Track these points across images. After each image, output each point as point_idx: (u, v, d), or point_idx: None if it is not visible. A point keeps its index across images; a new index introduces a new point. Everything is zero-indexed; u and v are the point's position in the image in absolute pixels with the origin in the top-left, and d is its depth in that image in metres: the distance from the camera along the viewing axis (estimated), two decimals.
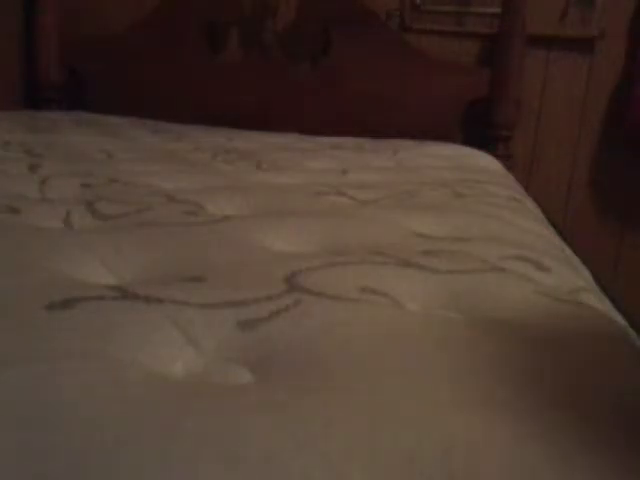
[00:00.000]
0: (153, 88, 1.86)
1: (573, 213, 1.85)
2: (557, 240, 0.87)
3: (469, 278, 0.55)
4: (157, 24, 1.88)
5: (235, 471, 0.27)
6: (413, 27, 1.83)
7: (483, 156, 1.51)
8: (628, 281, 1.79)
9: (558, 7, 1.72)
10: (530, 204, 1.12)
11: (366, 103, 1.77)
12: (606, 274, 1.72)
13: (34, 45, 1.87)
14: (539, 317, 0.48)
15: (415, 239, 0.69)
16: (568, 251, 0.85)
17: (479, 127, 1.74)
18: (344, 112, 1.78)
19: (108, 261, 0.54)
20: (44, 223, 0.65)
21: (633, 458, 0.31)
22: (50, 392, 0.31)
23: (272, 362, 0.38)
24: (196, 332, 0.41)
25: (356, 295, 0.49)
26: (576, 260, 0.83)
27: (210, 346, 0.40)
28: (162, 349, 0.39)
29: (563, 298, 0.53)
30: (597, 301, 0.59)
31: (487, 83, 1.70)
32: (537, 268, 0.61)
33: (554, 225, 1.06)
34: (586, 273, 0.77)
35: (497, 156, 1.58)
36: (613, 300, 0.66)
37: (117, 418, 0.30)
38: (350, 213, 0.79)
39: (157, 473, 0.27)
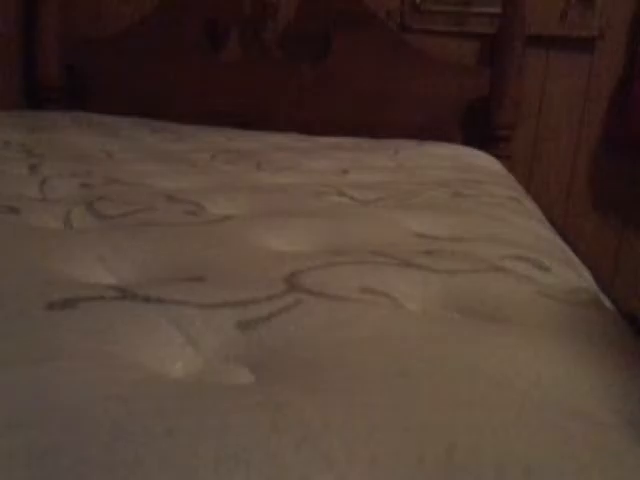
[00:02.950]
0: (153, 88, 1.86)
1: (573, 213, 1.85)
2: (557, 240, 0.87)
3: (469, 278, 0.55)
4: (157, 24, 1.88)
5: (235, 471, 0.27)
6: (413, 27, 1.82)
7: (483, 156, 1.51)
8: (628, 281, 1.79)
9: (558, 7, 1.72)
10: (530, 204, 1.12)
11: (366, 103, 1.77)
12: (606, 274, 1.73)
13: (34, 45, 1.87)
14: (539, 317, 0.48)
15: (415, 239, 0.69)
16: (568, 251, 0.85)
17: (479, 127, 1.74)
18: (344, 112, 1.78)
19: (108, 261, 0.54)
20: (44, 223, 0.65)
21: (634, 457, 0.31)
22: (50, 392, 0.31)
23: (272, 362, 0.38)
24: (196, 332, 0.41)
25: (356, 295, 0.49)
26: (576, 260, 0.83)
27: (210, 346, 0.40)
28: (162, 349, 0.39)
29: (563, 298, 0.53)
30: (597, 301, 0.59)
31: (487, 83, 1.70)
32: (537, 268, 0.61)
33: (554, 225, 1.05)
34: (586, 273, 0.77)
35: (497, 156, 1.58)
36: (613, 300, 0.66)
37: (117, 418, 0.30)
38: (350, 213, 0.79)
39: (157, 473, 0.27)
